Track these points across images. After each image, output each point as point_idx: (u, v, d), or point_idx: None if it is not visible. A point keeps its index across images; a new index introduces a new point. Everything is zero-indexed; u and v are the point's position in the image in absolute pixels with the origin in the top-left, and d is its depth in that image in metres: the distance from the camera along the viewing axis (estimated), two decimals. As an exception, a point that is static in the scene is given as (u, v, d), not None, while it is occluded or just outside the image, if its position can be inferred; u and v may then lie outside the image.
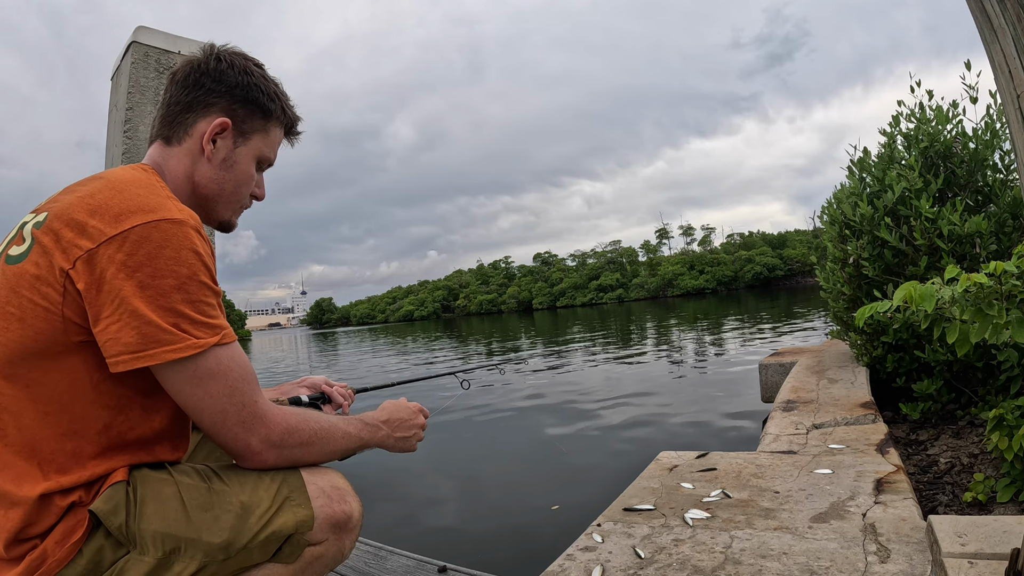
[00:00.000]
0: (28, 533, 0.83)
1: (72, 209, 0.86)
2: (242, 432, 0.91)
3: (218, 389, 0.88)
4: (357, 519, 1.03)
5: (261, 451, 0.93)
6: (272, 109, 1.08)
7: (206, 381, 0.87)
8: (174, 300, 0.84)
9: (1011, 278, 1.12)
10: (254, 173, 1.11)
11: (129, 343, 0.82)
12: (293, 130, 1.15)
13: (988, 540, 1.26)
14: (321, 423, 1.01)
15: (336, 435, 1.03)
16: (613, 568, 1.43)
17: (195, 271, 0.86)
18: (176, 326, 0.84)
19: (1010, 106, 1.05)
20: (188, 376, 0.86)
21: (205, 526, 0.88)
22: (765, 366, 4.48)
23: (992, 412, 2.02)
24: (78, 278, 0.82)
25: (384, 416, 1.15)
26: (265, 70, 1.10)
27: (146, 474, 0.91)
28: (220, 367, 0.88)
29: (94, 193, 0.88)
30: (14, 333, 0.84)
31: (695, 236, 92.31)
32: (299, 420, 0.98)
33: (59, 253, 0.83)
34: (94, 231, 0.83)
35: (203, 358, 0.86)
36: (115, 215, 0.84)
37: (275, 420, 0.94)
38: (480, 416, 6.59)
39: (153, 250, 0.83)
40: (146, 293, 0.82)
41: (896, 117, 3.59)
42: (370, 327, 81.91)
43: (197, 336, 0.86)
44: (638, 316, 30.44)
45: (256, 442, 0.92)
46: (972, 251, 2.95)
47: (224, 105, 1.03)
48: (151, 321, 0.82)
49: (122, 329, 0.82)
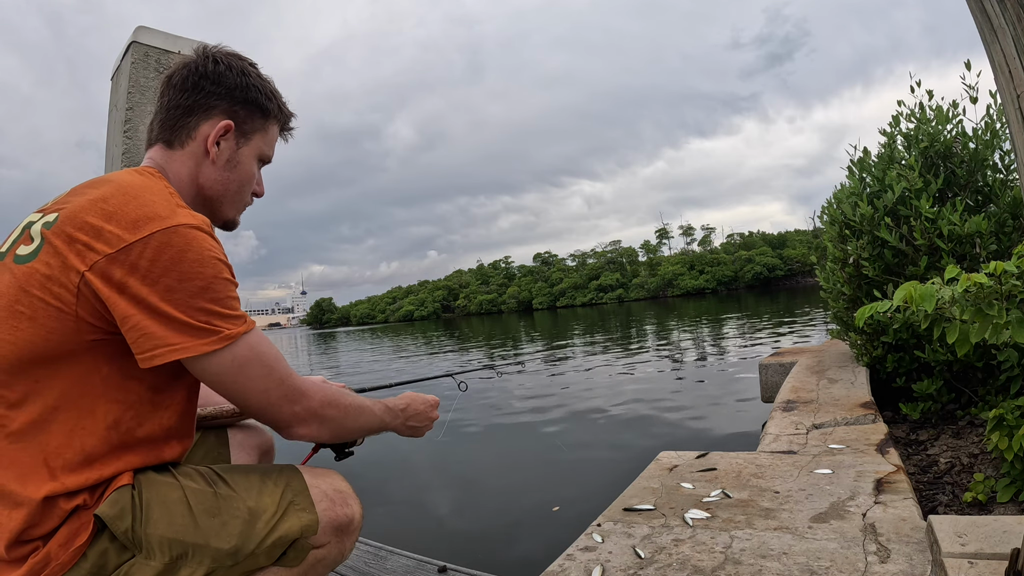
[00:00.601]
0: (30, 535, 0.82)
1: (85, 212, 0.86)
2: (287, 405, 0.95)
3: (257, 371, 0.92)
4: (358, 521, 1.05)
5: (307, 419, 0.98)
6: (270, 108, 1.10)
7: (245, 367, 0.91)
8: (202, 301, 0.87)
9: (1011, 278, 1.12)
10: (256, 172, 1.13)
11: (164, 336, 0.85)
12: (288, 126, 1.18)
13: (988, 540, 1.26)
14: (354, 399, 1.07)
15: (365, 412, 1.09)
16: (613, 568, 1.43)
17: (219, 271, 0.89)
18: (208, 323, 0.87)
19: (1010, 106, 1.05)
20: (228, 364, 0.89)
21: (213, 532, 0.89)
22: (765, 366, 4.48)
23: (992, 412, 2.02)
24: (96, 282, 0.83)
25: (403, 404, 1.21)
26: (259, 69, 1.11)
27: (151, 478, 0.91)
28: (254, 352, 0.92)
29: (107, 197, 0.88)
30: (24, 332, 0.84)
31: (695, 236, 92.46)
32: (335, 393, 1.03)
33: (73, 255, 0.84)
34: (111, 236, 0.84)
35: (237, 346, 0.90)
36: (132, 221, 0.85)
37: (314, 391, 0.99)
38: (480, 416, 6.59)
39: (176, 255, 0.85)
40: (174, 297, 0.85)
41: (896, 117, 3.59)
42: (370, 327, 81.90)
43: (229, 328, 0.89)
44: (638, 316, 30.44)
45: (302, 411, 0.97)
46: (972, 251, 2.95)
47: (225, 107, 1.04)
48: (185, 322, 0.85)
49: (153, 326, 0.84)
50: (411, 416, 1.21)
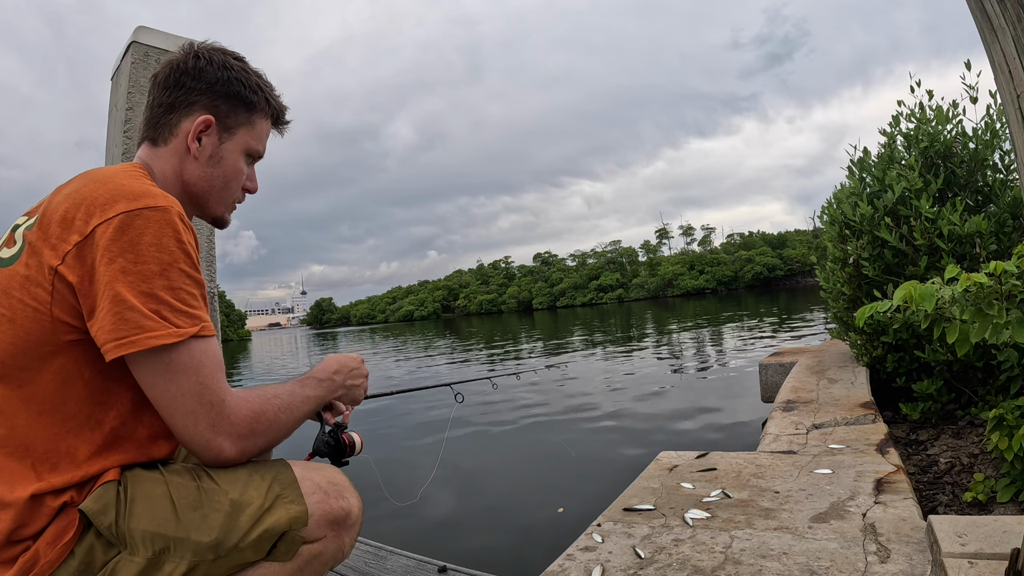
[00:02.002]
0: (20, 535, 0.82)
1: (58, 207, 0.87)
2: (211, 434, 0.88)
3: (189, 386, 0.85)
4: (356, 515, 1.01)
5: (228, 448, 0.90)
6: (255, 101, 1.07)
7: (178, 376, 0.85)
8: (155, 286, 0.83)
9: (1011, 278, 1.12)
10: (243, 167, 1.10)
11: (113, 330, 0.82)
12: (281, 120, 1.14)
13: (988, 540, 1.26)
14: (282, 396, 0.99)
15: (298, 402, 1.01)
16: (613, 568, 1.43)
17: (176, 258, 0.85)
18: (157, 312, 0.83)
19: (1010, 106, 1.05)
20: (161, 367, 0.84)
21: (194, 525, 0.87)
22: (765, 366, 4.48)
23: (992, 412, 2.02)
24: (69, 273, 0.83)
25: (334, 367, 1.13)
26: (247, 63, 1.09)
27: (138, 474, 0.90)
28: (193, 361, 0.86)
29: (79, 188, 0.88)
30: (5, 334, 0.84)
31: (695, 236, 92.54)
32: (262, 401, 0.95)
33: (48, 251, 0.84)
34: (80, 223, 0.84)
35: (177, 349, 0.84)
36: (101, 204, 0.85)
37: (240, 412, 0.91)
38: (479, 417, 6.59)
39: (135, 236, 0.83)
40: (128, 278, 0.82)
41: (896, 117, 3.59)
42: (370, 327, 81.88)
43: (176, 324, 0.84)
44: (638, 316, 30.43)
45: (225, 442, 0.89)
46: (972, 251, 2.95)
47: (206, 102, 1.03)
48: (133, 306, 0.82)
49: (107, 316, 0.82)
50: (346, 376, 1.14)
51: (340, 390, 1.14)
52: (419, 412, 7.18)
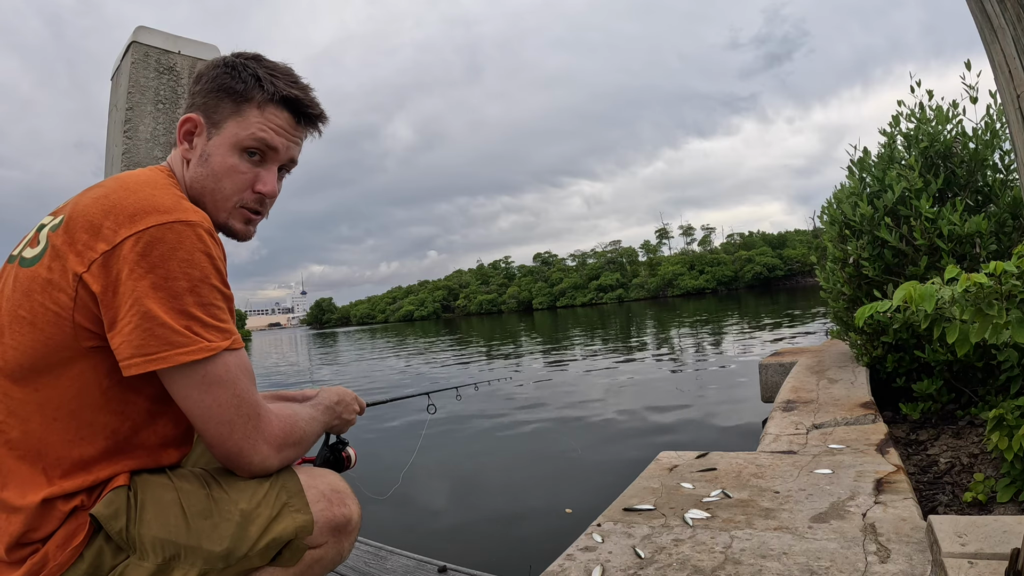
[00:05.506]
0: (30, 538, 0.82)
1: (86, 211, 0.86)
2: (247, 444, 0.90)
3: (226, 397, 0.87)
4: (356, 521, 1.03)
5: (271, 456, 0.94)
6: (241, 89, 0.98)
7: (214, 388, 0.86)
8: (186, 302, 0.83)
9: (1011, 278, 1.12)
10: (235, 163, 1.00)
11: (141, 345, 0.81)
12: (300, 107, 1.02)
13: (988, 540, 1.26)
14: (303, 416, 1.04)
15: (314, 425, 1.07)
16: (613, 568, 1.43)
17: (207, 274, 0.86)
18: (188, 328, 0.83)
19: (1010, 106, 1.04)
20: (197, 381, 0.85)
21: (205, 534, 0.88)
22: (765, 366, 4.48)
23: (992, 412, 2.01)
24: (93, 281, 0.82)
25: (335, 398, 1.19)
26: (261, 60, 1.03)
27: (147, 479, 0.91)
28: (229, 374, 0.87)
29: (108, 194, 0.88)
30: (25, 338, 0.84)
31: (695, 236, 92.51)
32: (290, 419, 0.99)
33: (73, 256, 0.83)
34: (108, 232, 0.83)
35: (212, 363, 0.85)
36: (129, 215, 0.84)
37: (274, 423, 0.95)
38: (479, 417, 6.59)
39: (167, 251, 0.82)
40: (159, 294, 0.82)
41: (896, 117, 3.59)
42: (370, 327, 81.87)
43: (208, 339, 0.85)
44: (638, 316, 30.43)
45: (268, 450, 0.93)
46: (972, 251, 2.95)
47: (198, 102, 1.02)
48: (164, 323, 0.82)
49: (134, 331, 0.81)
50: (343, 409, 1.20)
51: (337, 420, 1.19)
52: (422, 415, 7.15)
